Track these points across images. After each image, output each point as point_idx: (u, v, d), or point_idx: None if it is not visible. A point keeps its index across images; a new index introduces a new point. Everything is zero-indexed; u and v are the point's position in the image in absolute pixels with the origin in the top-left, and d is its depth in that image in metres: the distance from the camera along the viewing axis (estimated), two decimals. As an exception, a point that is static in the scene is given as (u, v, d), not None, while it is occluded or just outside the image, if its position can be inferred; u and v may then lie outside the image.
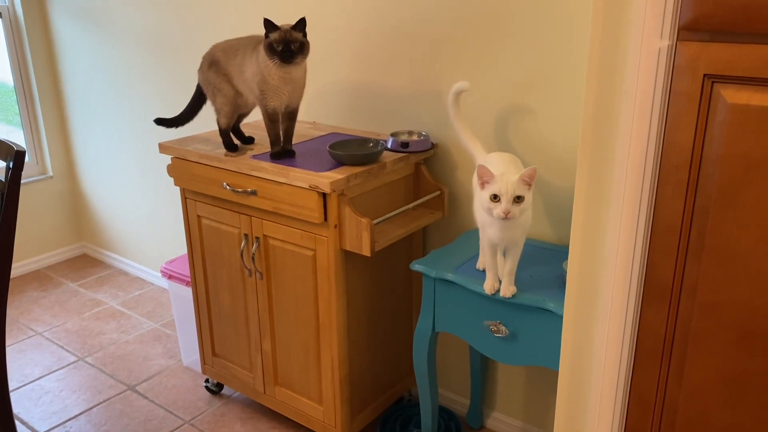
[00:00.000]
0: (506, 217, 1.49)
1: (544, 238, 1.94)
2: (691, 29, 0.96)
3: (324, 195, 1.80)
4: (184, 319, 2.56)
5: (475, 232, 1.98)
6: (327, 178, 1.78)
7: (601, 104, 1.07)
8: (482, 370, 2.19)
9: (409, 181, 2.08)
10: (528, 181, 1.51)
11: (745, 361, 1.03)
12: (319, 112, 2.39)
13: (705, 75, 0.96)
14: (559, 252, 1.85)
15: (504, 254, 1.65)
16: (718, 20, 0.92)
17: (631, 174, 1.06)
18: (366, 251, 1.81)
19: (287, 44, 1.82)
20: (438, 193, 2.06)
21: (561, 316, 1.56)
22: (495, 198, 1.51)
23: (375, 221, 1.84)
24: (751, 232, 0.98)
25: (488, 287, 1.65)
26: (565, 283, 1.67)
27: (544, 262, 1.78)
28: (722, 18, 0.92)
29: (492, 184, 1.51)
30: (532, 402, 2.16)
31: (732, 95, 0.94)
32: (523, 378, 2.16)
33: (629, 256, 1.10)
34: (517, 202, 1.50)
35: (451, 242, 2.08)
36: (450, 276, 1.74)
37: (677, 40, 0.98)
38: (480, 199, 1.57)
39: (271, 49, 1.83)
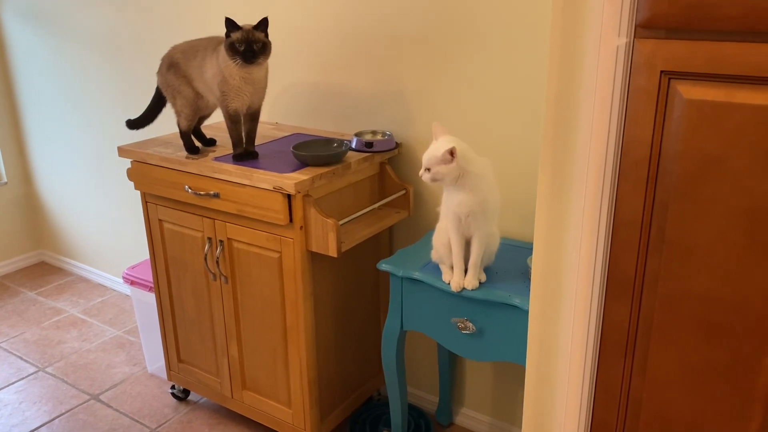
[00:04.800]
0: (421, 177, 1.59)
1: (510, 234, 1.95)
2: (647, 27, 0.97)
3: (289, 196, 1.79)
4: (148, 325, 2.51)
5: (440, 231, 1.99)
6: (291, 180, 1.76)
7: (561, 102, 1.09)
8: (450, 367, 2.20)
9: (374, 180, 2.07)
10: (448, 159, 1.55)
11: (706, 351, 1.06)
12: (281, 113, 2.37)
13: (662, 71, 0.97)
14: (524, 248, 1.87)
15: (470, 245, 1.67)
16: (673, 18, 0.94)
17: (592, 170, 1.07)
18: (333, 252, 1.80)
19: (249, 44, 1.80)
20: (403, 192, 2.06)
21: (527, 312, 1.58)
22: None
23: (341, 222, 1.84)
24: (710, 225, 1.00)
25: (455, 285, 1.66)
26: (530, 279, 1.69)
27: (510, 258, 1.80)
28: (677, 16, 0.94)
29: (434, 143, 1.60)
30: (500, 397, 2.18)
31: (688, 91, 0.96)
32: (490, 374, 2.17)
33: (592, 251, 1.11)
34: (427, 172, 1.58)
35: (416, 241, 2.09)
36: (417, 274, 1.75)
37: (634, 37, 0.99)
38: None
39: (232, 50, 1.80)
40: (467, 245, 1.67)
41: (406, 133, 2.09)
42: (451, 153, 1.53)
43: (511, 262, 1.78)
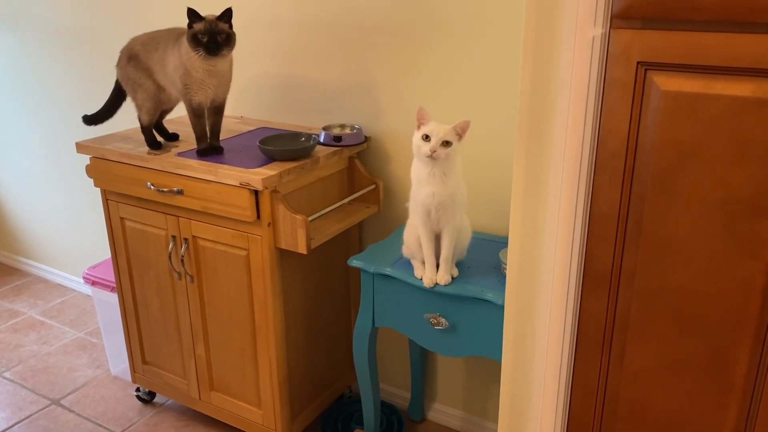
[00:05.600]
0: (431, 155, 1.52)
1: (482, 228, 1.94)
2: (624, 17, 0.96)
3: (256, 192, 1.74)
4: (111, 326, 2.44)
5: (411, 225, 1.96)
6: (258, 175, 1.72)
7: (536, 93, 1.07)
8: (422, 362, 2.18)
9: (343, 175, 2.04)
10: (460, 132, 1.54)
11: (682, 345, 1.05)
12: (246, 107, 2.31)
13: (638, 62, 0.96)
14: (496, 242, 1.85)
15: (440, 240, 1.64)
16: (650, 8, 0.93)
17: (568, 162, 1.06)
18: (302, 249, 1.76)
19: (213, 35, 1.74)
20: (373, 187, 2.03)
21: (500, 306, 1.57)
22: (426, 138, 1.54)
23: (310, 218, 1.80)
24: (686, 218, 0.99)
25: (427, 280, 1.64)
26: (502, 273, 1.68)
27: (482, 253, 1.78)
28: (654, 5, 0.92)
29: (426, 126, 1.56)
30: (473, 391, 2.17)
31: (664, 82, 0.95)
32: (462, 368, 2.16)
33: (568, 244, 1.10)
34: (445, 146, 1.53)
35: (387, 236, 2.06)
36: (388, 270, 1.72)
37: (610, 28, 0.98)
38: (414, 138, 1.58)
39: (195, 41, 1.74)
40: (437, 240, 1.65)
41: (375, 127, 2.06)
42: (464, 128, 1.53)
43: (483, 257, 1.77)
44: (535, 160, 1.10)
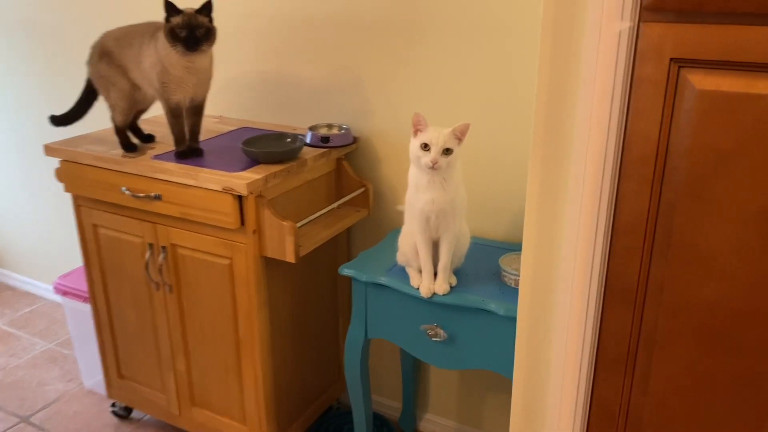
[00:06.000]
0: (434, 166, 1.43)
1: (480, 234, 1.85)
2: (655, 9, 0.87)
3: (240, 198, 1.63)
4: (83, 336, 2.30)
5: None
6: (243, 179, 1.61)
7: (554, 93, 0.98)
8: (414, 371, 2.09)
9: (331, 178, 1.93)
10: (459, 136, 1.46)
11: (713, 363, 0.97)
12: (226, 105, 2.19)
13: (671, 59, 0.87)
14: (495, 248, 1.77)
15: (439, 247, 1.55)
16: (685, -1, 0.84)
17: (590, 168, 0.97)
18: (290, 257, 1.66)
19: (192, 30, 1.62)
20: (362, 189, 1.93)
21: (502, 317, 1.49)
22: (425, 147, 1.45)
23: (298, 224, 1.69)
24: (721, 228, 0.91)
25: (425, 290, 1.55)
26: (502, 281, 1.60)
27: (480, 259, 1.69)
28: (690, -4, 0.84)
29: (424, 133, 1.46)
30: (466, 401, 2.08)
31: (700, 81, 0.87)
32: (456, 378, 2.08)
33: (589, 256, 1.01)
34: (446, 155, 1.44)
35: (378, 242, 1.96)
36: (383, 279, 1.62)
37: (640, 21, 0.89)
38: (411, 147, 1.49)
39: (173, 36, 1.63)
40: (435, 247, 1.56)
41: (363, 126, 1.96)
42: (463, 132, 1.44)
43: (482, 263, 1.68)
44: (552, 165, 1.01)
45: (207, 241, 1.74)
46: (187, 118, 1.76)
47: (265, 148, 1.77)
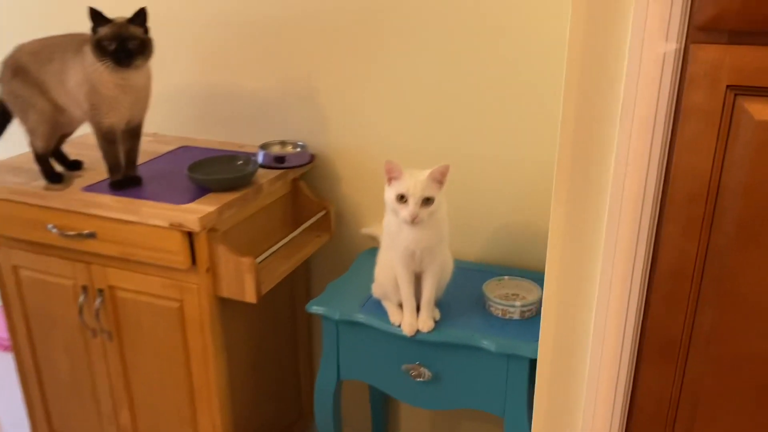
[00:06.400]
0: (413, 221, 1.27)
1: (455, 255, 1.71)
2: (708, 29, 0.75)
3: (190, 234, 1.43)
4: (4, 386, 2.03)
5: (369, 254, 1.72)
6: (193, 213, 1.41)
7: (583, 123, 0.85)
8: (383, 405, 1.94)
9: (287, 201, 1.75)
10: (439, 179, 1.31)
11: (765, 424, 0.87)
12: (160, 121, 1.96)
13: (728, 86, 0.76)
14: (474, 271, 1.63)
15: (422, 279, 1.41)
16: (746, 17, 0.72)
17: (627, 209, 0.85)
18: (250, 297, 1.47)
19: (123, 42, 1.40)
20: (323, 213, 1.76)
21: (494, 354, 1.36)
22: (401, 199, 1.28)
23: (258, 258, 1.50)
24: (779, 274, 0.80)
25: (408, 328, 1.40)
26: (487, 310, 1.47)
27: (461, 285, 1.54)
28: (752, 14, 0.72)
29: (399, 181, 1.29)
30: (441, 429, 1.95)
31: (760, 111, 0.76)
32: (428, 411, 1.94)
33: (623, 306, 0.89)
34: (426, 205, 1.28)
35: (342, 269, 1.80)
36: (360, 317, 1.46)
37: (688, 42, 0.77)
38: (386, 197, 1.33)
39: (101, 49, 1.40)
40: (416, 279, 1.42)
41: (319, 143, 1.78)
42: (443, 174, 1.28)
43: (462, 290, 1.54)
44: (580, 205, 0.88)
45: (152, 282, 1.53)
46: (122, 143, 1.54)
47: (214, 173, 1.57)
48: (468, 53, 1.54)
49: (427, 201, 1.28)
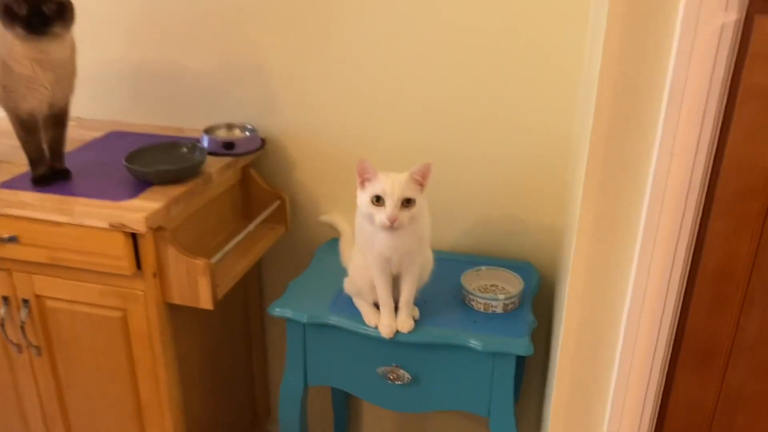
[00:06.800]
0: (392, 225, 1.14)
1: (432, 245, 1.59)
2: (775, -4, 0.65)
3: (133, 234, 1.24)
4: None
5: (330, 246, 1.58)
6: (137, 211, 1.22)
7: (621, 104, 0.74)
8: (346, 400, 1.83)
9: (236, 192, 1.58)
10: (420, 180, 1.18)
11: (811, 427, 0.81)
12: (86, 104, 1.73)
13: (795, 63, 0.66)
14: (448, 261, 1.51)
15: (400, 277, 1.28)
16: (822, -17, 0.63)
17: (669, 203, 0.75)
18: (206, 303, 1.31)
19: (36, 5, 1.18)
20: (278, 203, 1.60)
21: (481, 353, 1.26)
22: (378, 200, 1.15)
23: (213, 259, 1.34)
24: (836, 271, 0.73)
25: (386, 330, 1.28)
26: (467, 304, 1.37)
27: (439, 278, 1.42)
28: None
29: (374, 183, 1.16)
30: (407, 427, 1.86)
31: (829, 91, 0.67)
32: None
33: (658, 308, 0.80)
34: (406, 206, 1.15)
35: (301, 262, 1.66)
36: (332, 319, 1.32)
37: (751, 12, 0.67)
38: (359, 202, 1.19)
39: (9, 14, 1.18)
40: (395, 280, 1.29)
41: (270, 125, 1.61)
42: (425, 174, 1.15)
43: (439, 282, 1.41)
44: (614, 197, 0.78)
45: (89, 290, 1.33)
46: (45, 130, 1.32)
47: (157, 164, 1.38)
48: (439, 28, 1.41)
49: (408, 203, 1.15)
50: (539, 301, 1.54)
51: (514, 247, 1.55)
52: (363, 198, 1.17)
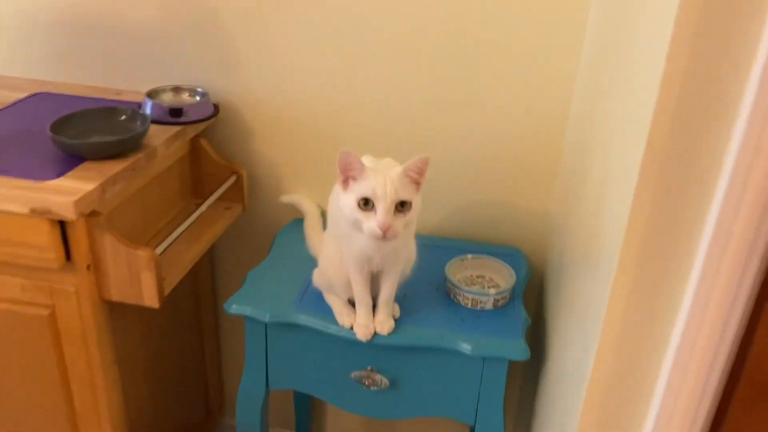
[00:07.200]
0: (384, 235, 0.96)
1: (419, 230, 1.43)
2: None
3: (62, 222, 1.03)
4: None
5: (293, 228, 1.40)
6: (66, 194, 1.01)
7: (693, 84, 0.58)
8: (308, 399, 1.67)
9: (185, 166, 1.37)
10: (416, 178, 1.00)
11: None
12: (4, 59, 1.48)
13: None
14: (434, 247, 1.34)
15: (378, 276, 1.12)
16: None
17: (747, 208, 0.60)
18: (151, 300, 1.12)
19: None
20: (234, 179, 1.40)
21: (467, 356, 1.11)
22: (366, 204, 0.96)
23: (159, 248, 1.14)
24: None
25: (363, 332, 1.11)
26: (451, 299, 1.21)
27: (418, 264, 1.25)
28: None
29: (362, 182, 0.97)
30: (375, 426, 1.72)
31: None
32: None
33: (714, 335, 0.66)
34: (401, 211, 0.98)
35: (259, 247, 1.47)
36: (299, 318, 1.15)
37: None
38: (342, 204, 1.00)
39: None
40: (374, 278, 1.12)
41: (222, 88, 1.40)
42: (421, 170, 0.98)
43: (421, 273, 1.22)
44: (674, 198, 0.63)
45: (7, 284, 1.12)
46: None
47: (90, 134, 1.16)
48: (422, -22, 1.22)
49: (402, 206, 0.97)
50: (526, 291, 1.40)
51: (502, 232, 1.39)
52: (348, 200, 0.98)
